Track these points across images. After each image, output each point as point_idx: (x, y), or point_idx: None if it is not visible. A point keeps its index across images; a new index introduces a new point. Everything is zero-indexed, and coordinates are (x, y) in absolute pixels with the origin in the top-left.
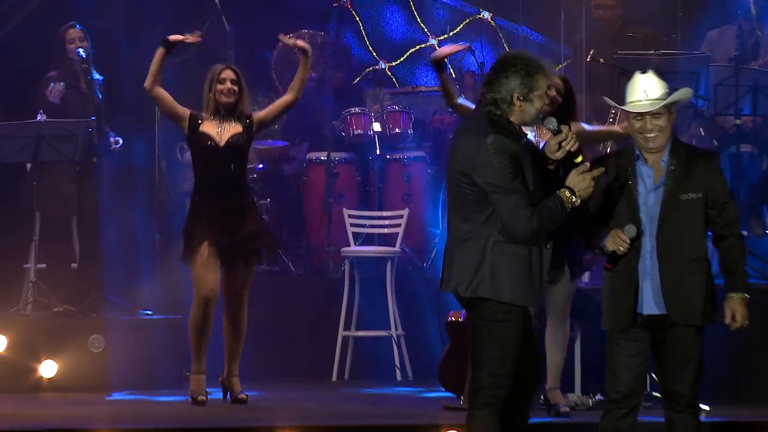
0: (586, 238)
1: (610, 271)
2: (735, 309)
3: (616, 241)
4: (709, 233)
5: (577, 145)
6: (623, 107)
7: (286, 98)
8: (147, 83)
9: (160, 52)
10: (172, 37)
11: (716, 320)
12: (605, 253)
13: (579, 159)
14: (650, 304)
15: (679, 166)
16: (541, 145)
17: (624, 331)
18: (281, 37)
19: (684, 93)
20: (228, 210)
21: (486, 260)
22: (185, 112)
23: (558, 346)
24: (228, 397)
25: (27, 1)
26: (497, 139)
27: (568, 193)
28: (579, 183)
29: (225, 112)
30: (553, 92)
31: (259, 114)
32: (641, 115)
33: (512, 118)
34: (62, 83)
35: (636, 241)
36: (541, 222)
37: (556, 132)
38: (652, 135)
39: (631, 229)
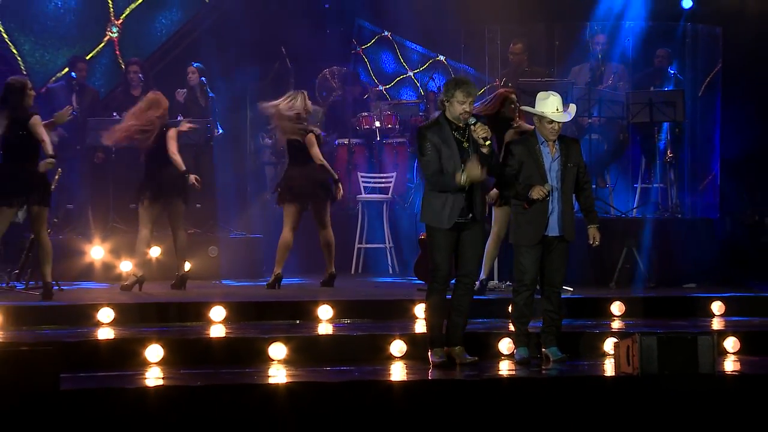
0: (508, 192)
1: (526, 210)
2: (594, 234)
3: (540, 192)
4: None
5: (487, 132)
6: (545, 114)
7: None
8: None
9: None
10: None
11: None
12: (527, 198)
13: (488, 143)
14: (553, 228)
15: (564, 147)
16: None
17: (531, 245)
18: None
19: (574, 107)
20: (305, 174)
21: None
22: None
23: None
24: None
25: (170, 50)
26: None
27: (463, 177)
28: (471, 168)
29: None
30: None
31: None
32: (552, 121)
33: (447, 114)
34: (185, 90)
35: (548, 194)
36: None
37: (475, 123)
38: (554, 132)
39: (548, 186)
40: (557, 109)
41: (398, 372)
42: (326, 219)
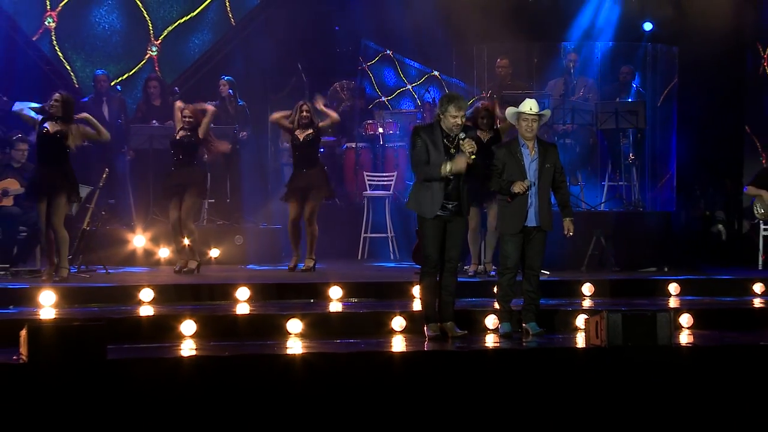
0: (494, 186)
1: (509, 203)
2: (568, 226)
3: (521, 187)
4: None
5: (473, 147)
6: (521, 111)
7: (329, 122)
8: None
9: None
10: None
11: (552, 229)
12: (510, 192)
13: (473, 157)
14: (532, 219)
15: (542, 149)
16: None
17: (514, 234)
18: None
19: (547, 111)
20: (306, 174)
21: (413, 190)
22: (289, 126)
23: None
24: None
25: (202, 66)
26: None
27: (447, 167)
28: (457, 163)
29: (304, 125)
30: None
31: (320, 124)
32: (528, 118)
33: (441, 124)
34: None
35: (528, 189)
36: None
37: (464, 139)
38: (530, 130)
39: (528, 182)
40: (531, 109)
41: (398, 344)
42: (315, 216)
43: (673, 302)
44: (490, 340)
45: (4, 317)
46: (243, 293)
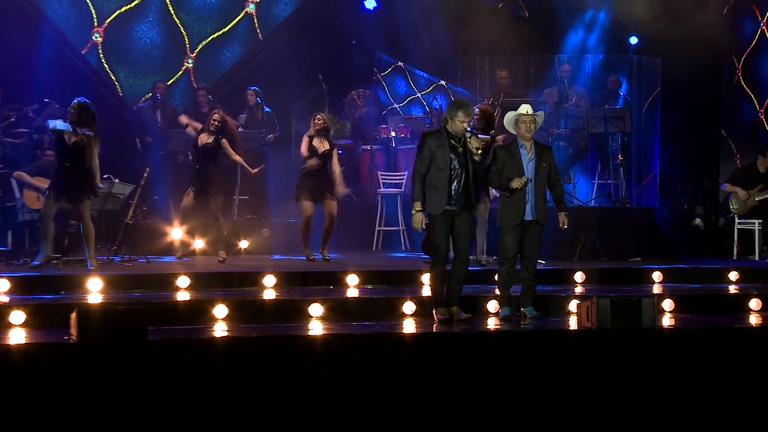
0: (494, 183)
1: (508, 198)
2: (564, 220)
3: (519, 183)
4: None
5: (480, 143)
6: (519, 113)
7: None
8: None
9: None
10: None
11: (548, 222)
12: (508, 188)
13: (479, 152)
14: (529, 213)
15: (539, 150)
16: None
17: (512, 227)
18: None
19: (541, 114)
20: (318, 178)
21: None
22: (306, 138)
23: (482, 233)
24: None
25: (233, 77)
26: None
27: (416, 208)
28: (416, 221)
29: (320, 135)
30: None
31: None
32: (525, 120)
33: (449, 128)
34: (244, 115)
35: (525, 184)
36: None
37: (470, 136)
38: (528, 130)
39: (525, 178)
40: (527, 111)
41: (409, 326)
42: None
43: (656, 289)
44: (492, 323)
45: (56, 302)
46: (269, 280)
